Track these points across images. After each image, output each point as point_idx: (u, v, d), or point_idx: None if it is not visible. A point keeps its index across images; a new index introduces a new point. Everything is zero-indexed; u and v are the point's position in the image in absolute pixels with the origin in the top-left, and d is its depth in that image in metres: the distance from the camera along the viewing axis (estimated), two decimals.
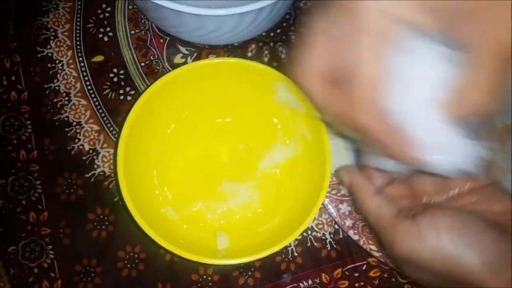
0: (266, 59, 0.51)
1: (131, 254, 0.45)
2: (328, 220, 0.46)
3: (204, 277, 0.44)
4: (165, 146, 0.44)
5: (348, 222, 0.44)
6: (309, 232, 0.46)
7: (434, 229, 0.31)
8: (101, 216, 0.45)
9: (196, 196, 0.44)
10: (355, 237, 0.43)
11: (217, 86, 0.44)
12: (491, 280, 0.29)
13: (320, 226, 0.47)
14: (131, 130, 0.39)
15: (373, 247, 0.43)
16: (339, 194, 0.44)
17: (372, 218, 0.35)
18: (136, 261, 0.44)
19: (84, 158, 0.47)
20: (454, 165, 0.29)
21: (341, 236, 0.46)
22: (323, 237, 0.46)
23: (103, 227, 0.45)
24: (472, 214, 0.32)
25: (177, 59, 0.51)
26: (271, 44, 0.52)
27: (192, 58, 0.52)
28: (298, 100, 0.41)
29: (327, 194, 0.44)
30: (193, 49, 0.52)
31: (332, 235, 0.46)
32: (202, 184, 0.45)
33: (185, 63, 0.51)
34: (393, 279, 0.44)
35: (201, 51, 0.52)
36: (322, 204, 0.44)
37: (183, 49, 0.51)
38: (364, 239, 0.43)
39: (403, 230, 0.32)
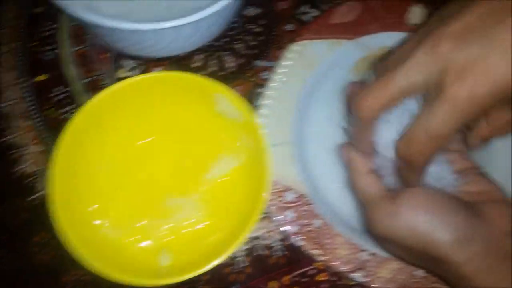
0: (213, 69, 0.51)
1: (77, 277, 0.44)
2: (276, 227, 0.46)
3: None
4: (105, 165, 0.44)
5: (294, 229, 0.43)
6: (258, 240, 0.46)
7: (411, 209, 0.32)
8: (46, 240, 0.45)
9: (139, 215, 0.44)
10: (301, 243, 0.43)
11: (156, 101, 0.44)
12: (456, 253, 0.31)
13: (268, 234, 0.47)
14: (66, 150, 0.39)
15: (318, 252, 0.43)
16: (284, 201, 0.44)
17: (360, 195, 0.36)
18: (83, 284, 0.44)
19: (27, 180, 0.46)
20: None
21: (289, 243, 0.45)
22: (272, 245, 0.46)
23: (47, 250, 0.45)
24: (449, 195, 0.34)
25: (123, 73, 0.51)
26: (218, 53, 0.52)
27: (139, 71, 0.51)
28: (238, 110, 0.41)
29: (272, 202, 0.44)
30: (139, 62, 0.52)
31: (280, 242, 0.46)
32: (146, 202, 0.45)
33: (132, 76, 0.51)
34: (340, 282, 0.44)
35: (148, 63, 0.52)
36: (266, 212, 0.44)
37: (128, 63, 0.51)
38: (309, 244, 0.43)
39: (384, 208, 0.34)
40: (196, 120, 0.45)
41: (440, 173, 0.36)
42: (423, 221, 0.32)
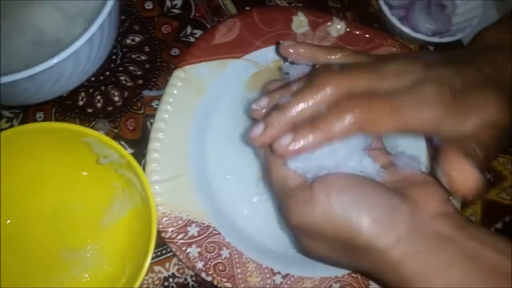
0: (99, 104, 0.48)
1: None
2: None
3: None
4: None
5: (199, 265, 0.42)
6: (171, 279, 0.44)
7: (324, 191, 0.30)
8: None
9: (34, 274, 0.41)
10: (209, 278, 0.41)
11: (25, 156, 0.40)
12: (379, 238, 0.28)
13: (181, 271, 0.45)
14: None
15: (227, 285, 0.41)
16: (186, 237, 0.42)
17: (277, 187, 0.33)
18: None
19: None
20: None
21: (201, 278, 0.43)
22: (185, 282, 0.44)
23: None
24: (371, 179, 0.31)
25: (1, 124, 0.47)
26: (102, 87, 0.49)
27: (18, 120, 0.48)
28: (114, 151, 0.38)
29: (175, 239, 0.42)
30: (17, 111, 0.48)
31: (193, 278, 0.44)
32: (40, 259, 0.41)
33: (11, 127, 0.47)
34: None
35: (27, 110, 0.48)
36: (171, 250, 0.42)
37: (5, 113, 0.47)
38: (217, 278, 0.41)
39: (299, 196, 0.31)
40: (78, 168, 0.42)
41: (360, 167, 0.33)
42: (340, 205, 0.29)
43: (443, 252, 0.28)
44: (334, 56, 0.36)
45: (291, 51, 0.37)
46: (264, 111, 0.35)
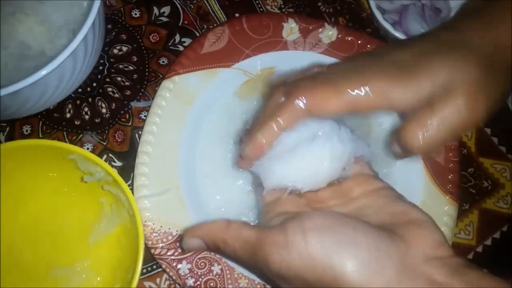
0: (87, 116, 0.47)
1: None
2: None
3: None
4: None
5: (190, 282, 0.41)
6: None
7: (300, 232, 0.27)
8: None
9: None
10: None
11: (11, 174, 0.39)
12: (365, 284, 0.25)
13: (172, 286, 0.44)
14: None
15: None
16: (176, 254, 0.41)
17: (238, 248, 0.30)
18: None
19: None
20: None
21: None
22: None
23: None
24: (355, 217, 0.29)
25: None
26: (90, 99, 0.48)
27: (5, 134, 0.47)
28: (100, 168, 0.37)
29: (165, 255, 0.41)
30: (4, 124, 0.47)
31: None
32: (28, 277, 0.41)
33: None
34: None
35: (13, 124, 0.47)
36: (161, 267, 0.41)
37: None
38: None
39: (271, 241, 0.28)
40: (65, 185, 0.41)
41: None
42: (319, 247, 0.26)
43: None
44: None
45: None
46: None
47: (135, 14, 0.50)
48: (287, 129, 0.32)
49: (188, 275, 0.41)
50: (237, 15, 0.51)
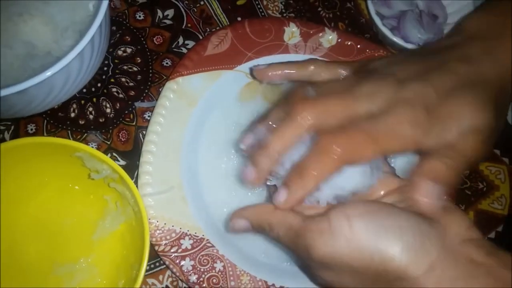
0: (92, 116, 0.48)
1: None
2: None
3: None
4: None
5: (193, 278, 0.41)
6: None
7: (344, 218, 0.28)
8: None
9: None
10: None
11: (17, 171, 0.40)
12: (412, 266, 0.26)
13: (175, 283, 0.44)
14: None
15: None
16: (180, 250, 0.42)
17: (282, 233, 0.31)
18: None
19: None
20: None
21: None
22: None
23: None
24: (383, 203, 0.30)
25: None
26: (94, 99, 0.49)
27: (9, 132, 0.47)
28: (107, 165, 0.38)
29: (168, 253, 0.42)
30: (9, 123, 0.47)
31: None
32: (32, 273, 0.41)
33: (2, 139, 0.47)
34: None
35: (18, 122, 0.48)
36: (164, 264, 0.42)
37: None
38: None
39: (314, 229, 0.29)
40: (70, 182, 0.42)
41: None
42: (365, 232, 0.27)
43: (478, 279, 0.27)
44: (307, 70, 0.37)
45: (265, 74, 0.38)
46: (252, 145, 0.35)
47: (139, 16, 0.51)
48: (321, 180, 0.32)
49: (191, 271, 0.41)
50: (239, 19, 0.52)
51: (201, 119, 0.47)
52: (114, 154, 0.47)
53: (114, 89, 0.49)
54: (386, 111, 0.32)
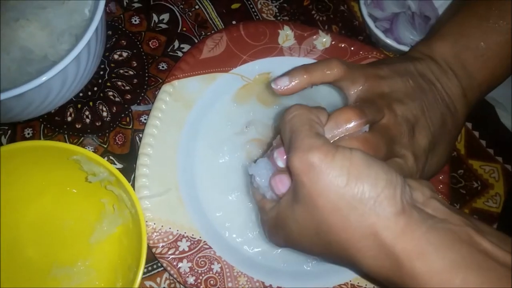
0: (88, 120, 0.48)
1: None
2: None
3: None
4: None
5: (191, 280, 0.42)
6: None
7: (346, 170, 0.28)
8: None
9: None
10: None
11: (14, 174, 0.40)
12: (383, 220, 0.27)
13: (172, 286, 0.44)
14: None
15: None
16: (177, 252, 0.42)
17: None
18: None
19: None
20: None
21: None
22: None
23: None
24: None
25: None
26: (90, 103, 0.49)
27: (6, 137, 0.47)
28: (103, 168, 0.38)
29: (166, 255, 0.42)
30: (5, 127, 0.48)
31: None
32: (30, 276, 0.41)
33: None
34: None
35: (15, 127, 0.48)
36: (162, 266, 0.42)
37: None
38: None
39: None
40: (67, 185, 0.42)
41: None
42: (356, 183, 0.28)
43: (438, 231, 0.27)
44: (329, 72, 0.36)
45: (288, 88, 0.36)
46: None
47: (135, 20, 0.52)
48: None
49: (189, 273, 0.42)
50: (234, 22, 0.53)
51: (197, 121, 0.47)
52: (111, 157, 0.47)
53: (110, 93, 0.49)
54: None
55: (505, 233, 0.29)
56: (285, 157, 0.32)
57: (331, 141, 0.31)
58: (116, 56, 0.50)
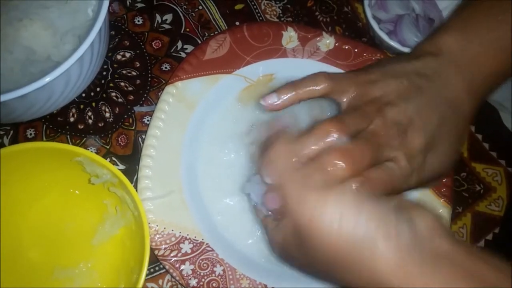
0: (90, 121, 0.48)
1: None
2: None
3: None
4: None
5: (193, 282, 0.42)
6: None
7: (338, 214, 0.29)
8: None
9: None
10: None
11: (17, 176, 0.40)
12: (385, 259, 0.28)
13: (174, 287, 0.44)
14: None
15: None
16: (179, 255, 0.42)
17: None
18: None
19: None
20: None
21: None
22: None
23: None
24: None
25: None
26: (93, 104, 0.49)
27: (9, 137, 0.47)
28: (107, 170, 0.38)
29: (168, 257, 0.42)
30: (8, 128, 0.48)
31: None
32: (32, 278, 0.42)
33: (1, 144, 0.47)
34: None
35: (17, 127, 0.48)
36: (164, 268, 0.42)
37: None
38: None
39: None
40: (70, 187, 0.42)
41: None
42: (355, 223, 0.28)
43: (443, 269, 0.27)
44: (317, 88, 0.37)
45: (276, 104, 0.37)
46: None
47: (138, 21, 0.52)
48: None
49: (191, 275, 0.42)
50: (237, 23, 0.53)
51: (200, 123, 0.47)
52: (113, 158, 0.47)
53: (113, 94, 0.49)
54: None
55: (507, 237, 0.29)
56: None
57: (313, 155, 0.32)
58: (119, 57, 0.50)
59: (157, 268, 0.45)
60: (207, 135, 0.47)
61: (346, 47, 0.50)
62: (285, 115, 0.38)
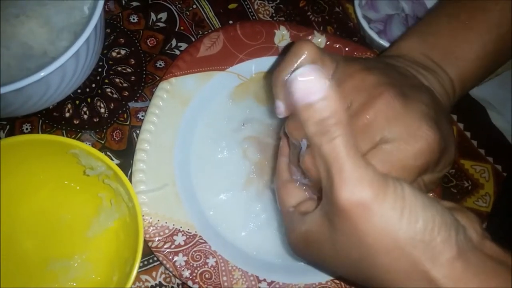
0: (85, 116, 0.49)
1: None
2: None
3: None
4: None
5: (186, 273, 0.42)
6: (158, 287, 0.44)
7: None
8: None
9: (21, 285, 0.41)
10: (195, 286, 0.42)
11: (12, 168, 0.40)
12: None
13: (168, 280, 0.45)
14: None
15: None
16: (173, 246, 0.43)
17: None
18: None
19: None
20: None
21: (188, 286, 0.44)
22: None
23: None
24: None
25: None
26: (88, 99, 0.50)
27: (5, 131, 0.48)
28: (101, 162, 0.39)
29: (162, 248, 0.42)
30: (4, 122, 0.48)
31: (180, 287, 0.45)
32: (27, 269, 0.42)
33: None
34: None
35: (13, 122, 0.48)
36: (158, 260, 0.43)
37: None
38: (204, 285, 0.42)
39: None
40: (65, 179, 0.43)
41: None
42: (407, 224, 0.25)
43: (498, 276, 0.26)
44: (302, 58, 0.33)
45: (285, 108, 0.33)
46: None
47: (133, 19, 0.53)
48: None
49: (184, 267, 0.42)
50: (230, 22, 0.54)
51: (193, 118, 0.48)
52: (108, 153, 0.48)
53: (108, 90, 0.50)
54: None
55: (493, 233, 0.29)
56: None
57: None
58: (114, 54, 0.51)
59: (150, 261, 0.45)
60: (199, 130, 0.48)
61: (337, 46, 0.51)
62: None
